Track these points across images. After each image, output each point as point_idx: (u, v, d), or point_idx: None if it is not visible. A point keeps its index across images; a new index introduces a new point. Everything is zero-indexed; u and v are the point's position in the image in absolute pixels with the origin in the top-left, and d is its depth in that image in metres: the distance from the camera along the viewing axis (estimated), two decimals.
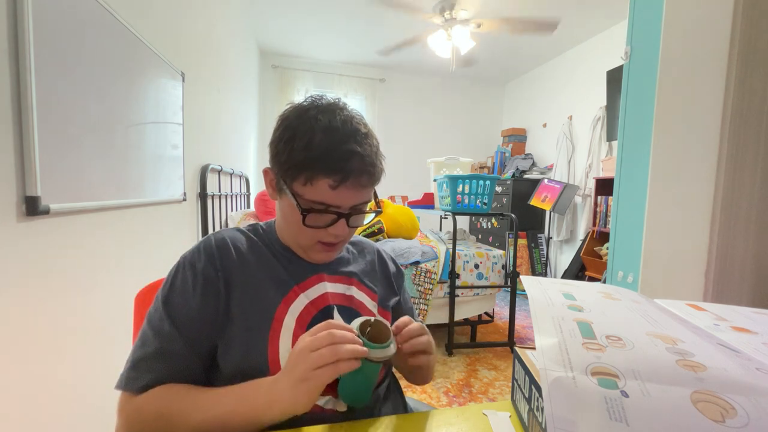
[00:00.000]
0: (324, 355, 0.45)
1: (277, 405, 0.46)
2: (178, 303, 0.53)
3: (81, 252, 0.98)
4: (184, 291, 0.54)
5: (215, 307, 0.54)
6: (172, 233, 1.64)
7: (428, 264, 2.24)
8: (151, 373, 0.51)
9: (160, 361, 0.51)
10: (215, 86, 2.32)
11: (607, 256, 1.33)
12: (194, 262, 0.56)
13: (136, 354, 0.52)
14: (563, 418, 0.29)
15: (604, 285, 0.51)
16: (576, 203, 3.63)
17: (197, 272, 0.55)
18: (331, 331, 0.48)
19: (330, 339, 0.47)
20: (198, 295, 0.54)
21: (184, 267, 0.56)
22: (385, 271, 0.74)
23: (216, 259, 0.57)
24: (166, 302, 0.54)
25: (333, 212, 0.56)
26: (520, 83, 4.73)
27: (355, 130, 0.55)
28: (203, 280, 0.54)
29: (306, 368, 0.45)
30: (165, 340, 0.52)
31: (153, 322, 0.53)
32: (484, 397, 1.85)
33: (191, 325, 0.53)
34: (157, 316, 0.53)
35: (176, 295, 0.54)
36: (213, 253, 0.57)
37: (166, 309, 0.53)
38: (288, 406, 0.45)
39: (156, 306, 0.54)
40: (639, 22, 1.17)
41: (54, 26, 0.83)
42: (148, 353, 0.51)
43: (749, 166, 1.05)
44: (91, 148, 0.98)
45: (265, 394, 0.47)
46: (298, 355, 0.47)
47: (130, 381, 0.51)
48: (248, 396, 0.48)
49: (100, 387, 1.08)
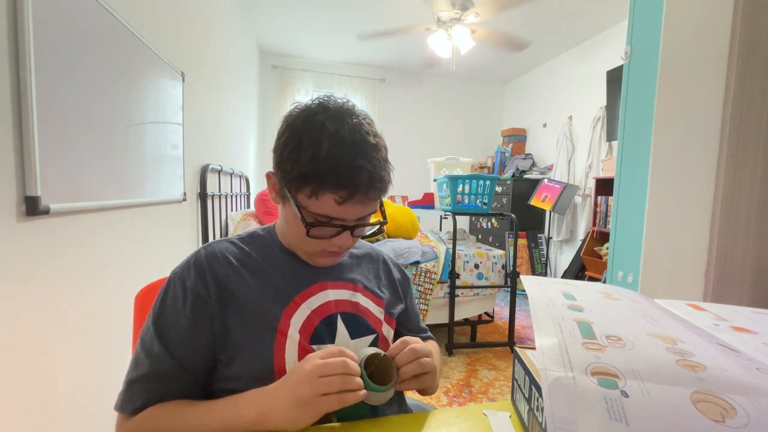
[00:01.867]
0: (333, 384, 0.45)
1: (270, 421, 0.46)
2: (168, 322, 0.53)
3: (81, 252, 0.98)
4: (174, 309, 0.53)
5: (208, 324, 0.53)
6: (172, 233, 1.64)
7: (428, 264, 2.24)
8: (143, 394, 0.50)
9: (151, 383, 0.51)
10: (215, 86, 2.32)
11: (607, 256, 1.33)
12: (184, 278, 0.54)
13: (129, 375, 0.52)
14: (563, 418, 0.29)
15: (604, 285, 0.51)
16: (576, 203, 3.62)
17: (186, 289, 0.53)
18: (345, 360, 0.47)
19: (342, 368, 0.46)
20: (188, 314, 0.53)
21: (174, 284, 0.55)
22: (390, 277, 0.72)
23: (207, 274, 0.55)
24: (156, 322, 0.53)
25: (337, 225, 0.55)
26: (520, 83, 4.72)
27: (363, 142, 0.53)
28: (193, 298, 0.53)
29: (312, 392, 0.45)
30: (155, 361, 0.51)
31: (145, 343, 0.53)
32: (484, 397, 1.85)
33: (182, 344, 0.52)
34: (149, 337, 0.52)
35: (166, 315, 0.53)
36: (203, 268, 0.55)
37: (156, 329, 0.52)
38: (284, 424, 0.45)
39: (147, 326, 0.54)
40: (639, 22, 1.17)
41: (54, 26, 0.83)
42: (140, 375, 0.51)
43: (749, 166, 1.04)
44: (91, 148, 0.98)
45: (254, 410, 0.47)
46: (307, 376, 0.46)
47: (125, 403, 0.51)
48: (240, 409, 0.48)
49: (100, 387, 1.08)
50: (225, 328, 0.54)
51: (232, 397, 0.49)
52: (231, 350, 0.53)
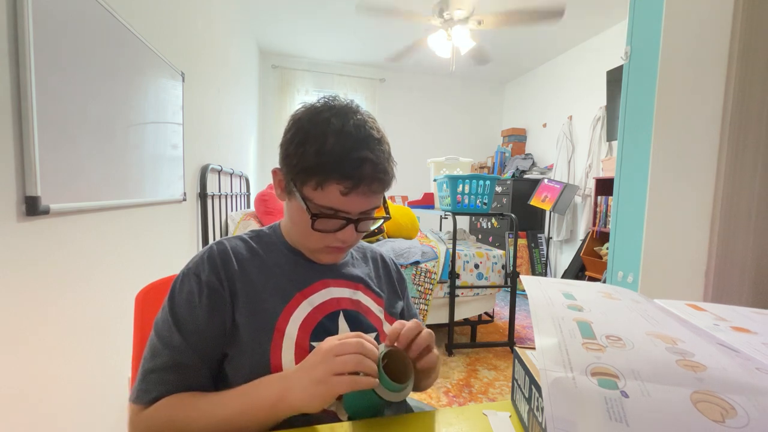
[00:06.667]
0: (347, 362, 0.45)
1: (287, 401, 0.46)
2: (185, 314, 0.53)
3: (81, 252, 0.98)
4: (190, 302, 0.54)
5: (222, 317, 0.54)
6: (172, 233, 1.64)
7: (428, 264, 2.24)
8: (161, 385, 0.51)
9: (170, 373, 0.51)
10: (215, 86, 2.32)
11: (607, 256, 1.33)
12: (198, 272, 0.55)
13: (145, 366, 0.52)
14: (563, 418, 0.29)
15: (604, 285, 0.51)
16: (576, 203, 3.62)
17: (202, 283, 0.54)
18: (361, 341, 0.47)
19: (358, 348, 0.46)
20: (204, 306, 0.53)
21: (189, 278, 0.55)
22: (389, 275, 0.73)
23: (219, 268, 0.56)
24: (174, 313, 0.53)
25: (342, 218, 0.55)
26: (520, 83, 4.72)
27: (368, 136, 0.54)
28: (208, 291, 0.54)
29: (326, 371, 0.45)
30: (175, 351, 0.51)
31: (161, 334, 0.53)
32: (484, 397, 1.85)
33: (200, 336, 0.53)
34: (166, 328, 0.53)
35: (183, 307, 0.54)
36: (216, 262, 0.56)
37: (174, 320, 0.53)
38: (298, 403, 0.45)
39: (164, 317, 0.54)
40: (639, 22, 1.17)
41: (54, 26, 0.83)
42: (158, 365, 0.51)
43: (749, 166, 1.04)
44: (91, 148, 0.98)
45: (274, 390, 0.47)
46: (323, 355, 0.46)
47: (141, 394, 0.51)
48: (255, 394, 0.48)
49: (100, 386, 1.08)
50: (234, 322, 0.55)
51: (251, 383, 0.50)
52: (235, 345, 0.54)
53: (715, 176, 1.09)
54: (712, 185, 1.09)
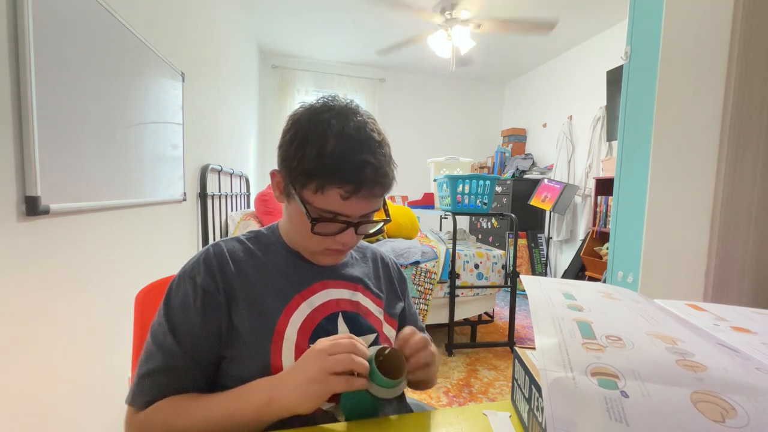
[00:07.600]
0: (341, 360, 0.45)
1: (280, 402, 0.46)
2: (180, 318, 0.53)
3: (81, 252, 0.98)
4: (185, 305, 0.54)
5: (217, 321, 0.54)
6: (172, 233, 1.64)
7: (428, 264, 2.24)
8: (156, 388, 0.51)
9: (164, 376, 0.51)
10: (215, 86, 2.32)
11: (607, 256, 1.33)
12: (194, 275, 0.55)
13: (141, 369, 0.52)
14: (563, 418, 0.29)
15: (604, 285, 0.51)
16: (576, 203, 3.62)
17: (197, 286, 0.54)
18: (353, 341, 0.48)
19: (351, 347, 0.47)
20: (199, 309, 0.53)
21: (184, 281, 0.55)
22: (388, 276, 0.72)
23: (215, 271, 0.56)
24: (168, 317, 0.53)
25: (342, 221, 0.55)
26: (520, 83, 4.72)
27: (369, 138, 0.53)
28: (203, 294, 0.54)
29: (319, 370, 0.45)
30: (168, 355, 0.51)
31: (157, 337, 0.53)
32: (484, 397, 1.85)
33: (194, 339, 0.53)
34: (161, 331, 0.53)
35: (178, 310, 0.54)
36: (212, 265, 0.56)
37: (169, 324, 0.53)
38: (292, 402, 0.45)
39: (159, 320, 0.54)
40: (639, 22, 1.17)
41: (54, 26, 0.83)
42: (152, 368, 0.51)
43: (749, 165, 1.04)
44: (91, 148, 0.98)
45: (264, 392, 0.47)
46: (316, 355, 0.47)
47: (136, 396, 0.51)
48: (247, 396, 0.48)
49: (100, 386, 1.08)
50: (231, 325, 0.54)
51: (243, 385, 0.50)
52: (234, 348, 0.54)
53: (715, 176, 1.09)
54: (712, 185, 1.09)
